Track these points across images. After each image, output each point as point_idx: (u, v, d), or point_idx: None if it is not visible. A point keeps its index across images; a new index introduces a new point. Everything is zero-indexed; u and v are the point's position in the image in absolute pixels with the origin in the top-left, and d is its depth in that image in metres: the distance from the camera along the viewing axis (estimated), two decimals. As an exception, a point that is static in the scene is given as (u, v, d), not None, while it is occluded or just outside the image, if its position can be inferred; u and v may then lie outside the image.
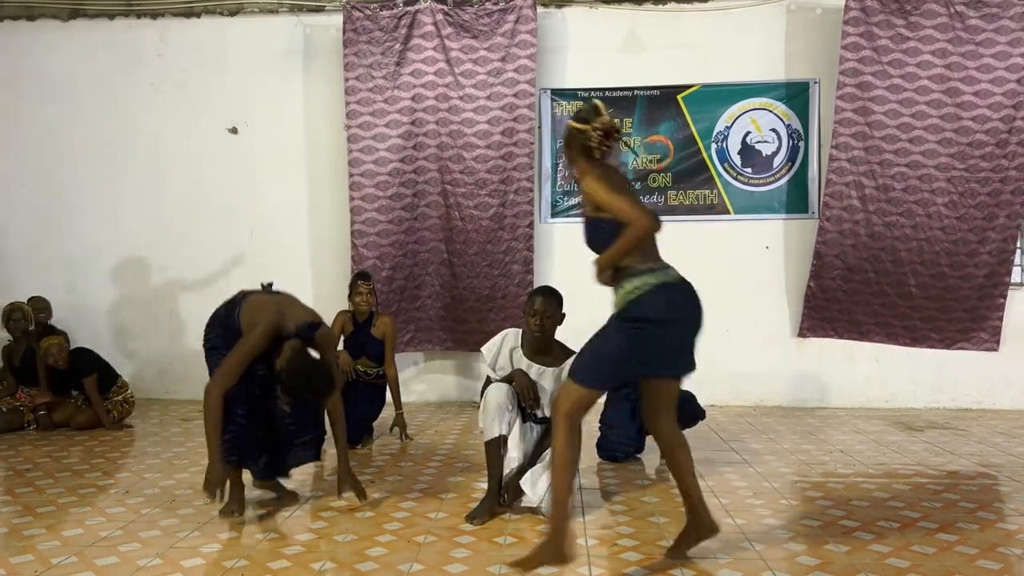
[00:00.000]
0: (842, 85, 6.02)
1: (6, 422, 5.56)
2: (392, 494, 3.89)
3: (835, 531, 3.31)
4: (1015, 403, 6.28)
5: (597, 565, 2.95)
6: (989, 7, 5.92)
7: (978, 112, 5.96)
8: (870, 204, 6.10)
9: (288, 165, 6.67)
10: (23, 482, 4.21)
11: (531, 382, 3.55)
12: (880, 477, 4.22)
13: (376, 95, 6.32)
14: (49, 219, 6.85)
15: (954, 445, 4.99)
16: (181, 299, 6.78)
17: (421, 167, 6.37)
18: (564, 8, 6.48)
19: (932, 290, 6.11)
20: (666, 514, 3.55)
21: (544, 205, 6.53)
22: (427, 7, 6.24)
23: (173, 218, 6.77)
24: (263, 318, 3.40)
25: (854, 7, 5.96)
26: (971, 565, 2.93)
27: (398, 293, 6.42)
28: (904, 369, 6.35)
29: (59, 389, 5.75)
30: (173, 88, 6.75)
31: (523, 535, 3.28)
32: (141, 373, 6.38)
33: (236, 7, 6.66)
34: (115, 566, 2.96)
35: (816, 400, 6.41)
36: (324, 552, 3.09)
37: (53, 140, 6.82)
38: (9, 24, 6.80)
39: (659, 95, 6.46)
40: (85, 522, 3.50)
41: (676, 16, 6.42)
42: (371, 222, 6.36)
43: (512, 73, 6.24)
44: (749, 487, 4.01)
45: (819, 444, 5.03)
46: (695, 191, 6.47)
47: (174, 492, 3.94)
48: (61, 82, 6.80)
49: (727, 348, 6.35)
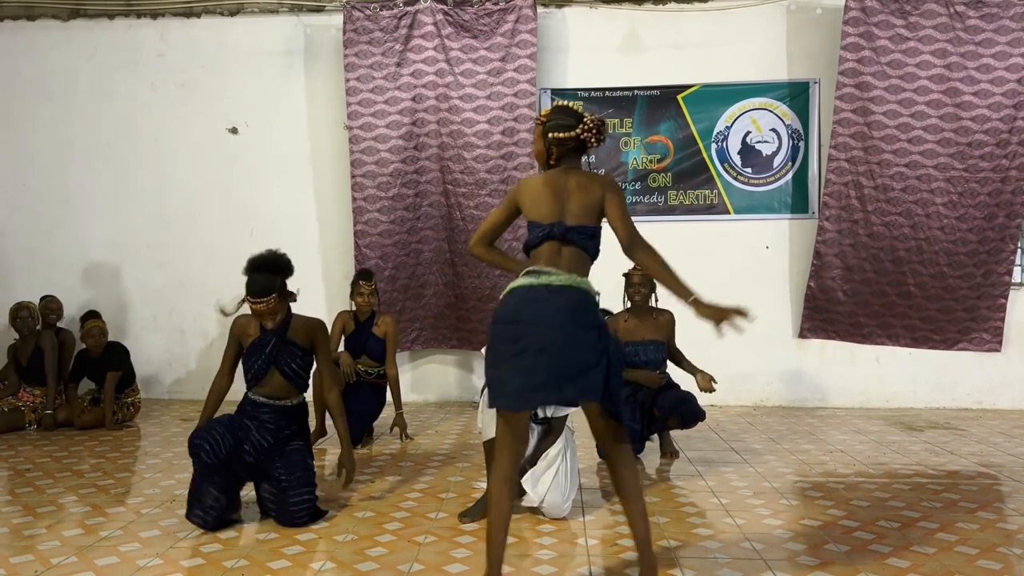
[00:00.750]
0: (841, 85, 6.02)
1: (7, 422, 5.56)
2: (392, 494, 3.89)
3: (835, 531, 3.32)
4: (1015, 403, 6.29)
5: (597, 565, 2.95)
6: (989, 7, 5.92)
7: (978, 112, 5.96)
8: (869, 204, 6.10)
9: (288, 165, 6.67)
10: (23, 482, 4.21)
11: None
12: (880, 477, 4.22)
13: (377, 96, 6.32)
14: (49, 219, 6.85)
15: (954, 445, 4.99)
16: (181, 299, 6.79)
17: (423, 167, 6.37)
18: (564, 8, 6.48)
19: (931, 290, 6.11)
20: (666, 514, 3.55)
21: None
22: (427, 7, 6.24)
23: (173, 218, 6.77)
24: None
25: (854, 7, 5.96)
26: (971, 565, 2.93)
27: (402, 292, 6.43)
28: (904, 369, 6.35)
29: (77, 377, 5.85)
30: (173, 88, 6.76)
31: (523, 535, 3.28)
32: (141, 373, 6.36)
33: (236, 7, 6.66)
34: (115, 566, 2.96)
35: (816, 400, 6.41)
36: (324, 552, 3.09)
37: (53, 140, 6.82)
38: (9, 24, 6.80)
39: (659, 95, 6.46)
40: (85, 522, 3.50)
41: (676, 16, 6.42)
42: (373, 222, 6.36)
43: (512, 73, 6.24)
44: (749, 487, 4.01)
45: (819, 444, 5.03)
46: (695, 191, 6.48)
47: (174, 492, 3.94)
48: (61, 82, 6.80)
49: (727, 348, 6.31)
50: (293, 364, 3.56)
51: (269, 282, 3.40)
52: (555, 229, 2.65)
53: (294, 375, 3.57)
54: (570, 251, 2.66)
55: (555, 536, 3.28)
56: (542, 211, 2.71)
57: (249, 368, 3.54)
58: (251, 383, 3.57)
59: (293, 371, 3.56)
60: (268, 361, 3.53)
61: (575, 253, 2.66)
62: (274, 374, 3.54)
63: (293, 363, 3.56)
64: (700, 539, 3.23)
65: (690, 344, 4.82)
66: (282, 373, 3.54)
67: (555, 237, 2.65)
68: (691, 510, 3.64)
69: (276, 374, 3.54)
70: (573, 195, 2.70)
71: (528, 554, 3.08)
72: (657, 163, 6.50)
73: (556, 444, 3.56)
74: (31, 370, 5.78)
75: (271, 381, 3.55)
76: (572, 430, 3.78)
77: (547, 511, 3.47)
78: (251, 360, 3.54)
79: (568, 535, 3.31)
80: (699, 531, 3.33)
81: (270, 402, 3.55)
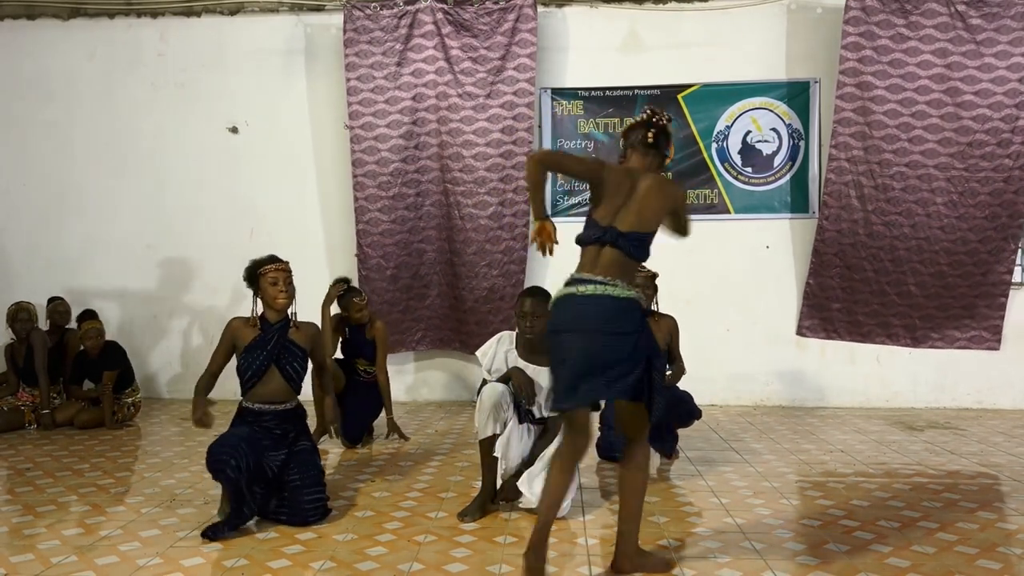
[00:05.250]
0: (842, 85, 6.02)
1: (7, 421, 5.56)
2: (392, 494, 3.89)
3: (835, 531, 3.31)
4: (1015, 403, 6.28)
5: (597, 565, 2.95)
6: (990, 6, 5.91)
7: (978, 112, 5.95)
8: (869, 203, 6.10)
9: (289, 165, 6.67)
10: (23, 481, 4.21)
11: (527, 378, 3.55)
12: (880, 477, 4.22)
13: (377, 96, 6.32)
14: (49, 219, 6.85)
15: (954, 445, 4.99)
16: (181, 299, 6.79)
17: (424, 166, 6.37)
18: (564, 7, 6.48)
19: (931, 288, 6.11)
20: (666, 514, 3.55)
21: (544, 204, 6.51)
22: (427, 6, 6.24)
23: (173, 218, 6.77)
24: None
25: (854, 7, 5.96)
26: (971, 565, 2.93)
27: (404, 292, 6.42)
28: (905, 369, 6.35)
29: (77, 378, 5.86)
30: (173, 87, 6.76)
31: (522, 534, 3.28)
32: (141, 373, 6.37)
33: (236, 6, 6.66)
34: (115, 566, 2.96)
35: (816, 400, 6.41)
36: (324, 552, 3.09)
37: (53, 140, 6.82)
38: (9, 23, 6.80)
39: (659, 95, 6.45)
40: (85, 521, 3.50)
41: (676, 16, 6.42)
42: (374, 222, 6.36)
43: (512, 71, 6.24)
44: (749, 487, 4.01)
45: (819, 444, 5.02)
46: (695, 190, 6.47)
47: (174, 492, 3.94)
48: (61, 82, 6.80)
49: (727, 348, 6.37)
50: (295, 363, 3.56)
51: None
52: (607, 235, 2.73)
53: (295, 375, 3.57)
54: (612, 255, 2.73)
55: (555, 536, 3.27)
56: (606, 207, 2.78)
57: (249, 366, 3.50)
58: (249, 384, 3.52)
59: (294, 370, 3.56)
60: (269, 358, 3.50)
61: (617, 258, 2.73)
62: (274, 374, 3.52)
63: (295, 362, 3.56)
64: (700, 539, 3.23)
65: (691, 344, 4.82)
66: (282, 373, 3.53)
67: (605, 243, 2.74)
68: (691, 510, 3.64)
69: (276, 374, 3.52)
70: (638, 199, 2.77)
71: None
72: (657, 163, 6.48)
73: (553, 444, 3.55)
74: (27, 370, 5.79)
75: (270, 382, 3.52)
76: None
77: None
78: (251, 358, 3.50)
79: (568, 535, 3.31)
80: (699, 531, 3.33)
81: (269, 407, 3.52)
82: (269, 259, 3.57)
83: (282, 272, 3.54)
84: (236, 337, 3.55)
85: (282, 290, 3.52)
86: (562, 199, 6.53)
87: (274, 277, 3.51)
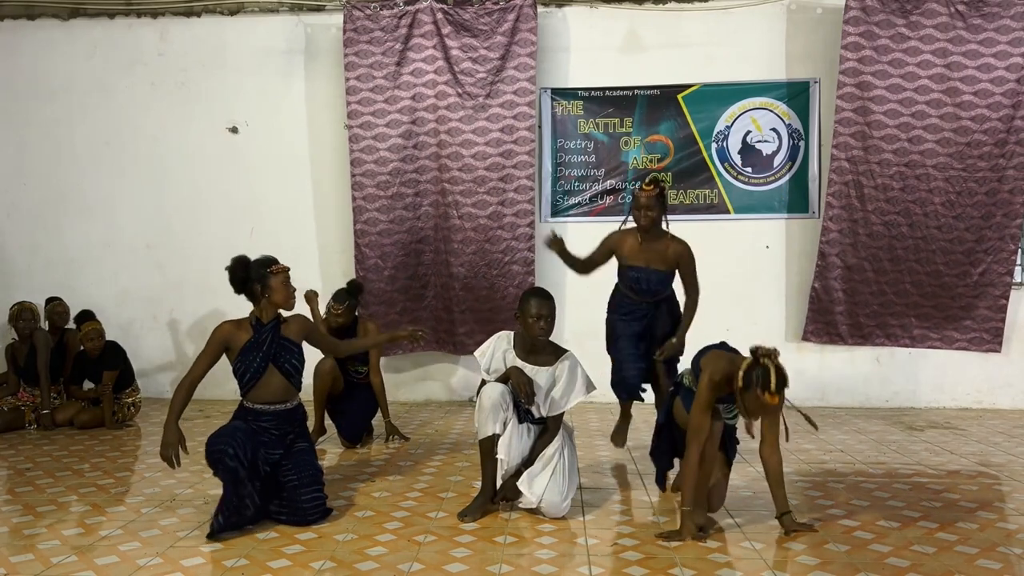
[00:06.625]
0: (842, 85, 6.02)
1: (7, 421, 5.56)
2: (392, 494, 3.89)
3: (835, 531, 3.32)
4: (1015, 403, 6.28)
5: (597, 565, 2.95)
6: (989, 6, 5.91)
7: (977, 112, 5.95)
8: (869, 203, 6.10)
9: (288, 164, 6.67)
10: (24, 481, 4.21)
11: (527, 377, 3.54)
12: (880, 477, 4.22)
13: (377, 95, 6.32)
14: (49, 219, 6.85)
15: (954, 445, 4.99)
16: (181, 299, 6.78)
17: (423, 166, 6.37)
18: (564, 7, 6.48)
19: (928, 288, 6.11)
20: (666, 514, 3.55)
21: (544, 204, 6.53)
22: (427, 6, 6.24)
23: (173, 217, 6.77)
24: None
25: (854, 6, 5.96)
26: (971, 565, 2.93)
27: (402, 292, 6.42)
28: (904, 368, 6.35)
29: (78, 378, 5.87)
30: (173, 87, 6.75)
31: (522, 534, 3.28)
32: (141, 372, 6.36)
33: (236, 6, 6.66)
34: (115, 566, 2.96)
35: (816, 400, 6.40)
36: (324, 552, 3.09)
37: (53, 140, 6.82)
38: (9, 23, 6.80)
39: (659, 95, 6.45)
40: (85, 521, 3.51)
41: (676, 16, 6.41)
42: (373, 222, 6.36)
43: (512, 71, 6.24)
44: (749, 487, 4.01)
45: (819, 444, 5.02)
46: (695, 190, 6.47)
47: (174, 492, 3.94)
48: (61, 82, 6.79)
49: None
50: (292, 360, 3.56)
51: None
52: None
53: (294, 371, 3.56)
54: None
55: (555, 536, 3.28)
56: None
57: (247, 369, 3.48)
58: (248, 386, 3.51)
59: (293, 367, 3.56)
60: (267, 357, 3.49)
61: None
62: (273, 374, 3.52)
63: (292, 359, 3.56)
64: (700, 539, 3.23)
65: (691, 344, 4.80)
66: (281, 371, 3.52)
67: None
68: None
69: (275, 374, 3.52)
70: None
71: (528, 554, 3.07)
72: (657, 162, 6.49)
73: (553, 443, 3.56)
74: (28, 370, 5.78)
75: (270, 382, 3.51)
76: (571, 429, 3.78)
77: (546, 511, 3.47)
78: (248, 360, 3.48)
79: (568, 535, 3.30)
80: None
81: (269, 408, 3.52)
82: (273, 259, 3.59)
83: (288, 272, 3.60)
84: (229, 341, 3.51)
85: (295, 289, 3.61)
86: (562, 199, 6.53)
87: (285, 277, 3.56)
